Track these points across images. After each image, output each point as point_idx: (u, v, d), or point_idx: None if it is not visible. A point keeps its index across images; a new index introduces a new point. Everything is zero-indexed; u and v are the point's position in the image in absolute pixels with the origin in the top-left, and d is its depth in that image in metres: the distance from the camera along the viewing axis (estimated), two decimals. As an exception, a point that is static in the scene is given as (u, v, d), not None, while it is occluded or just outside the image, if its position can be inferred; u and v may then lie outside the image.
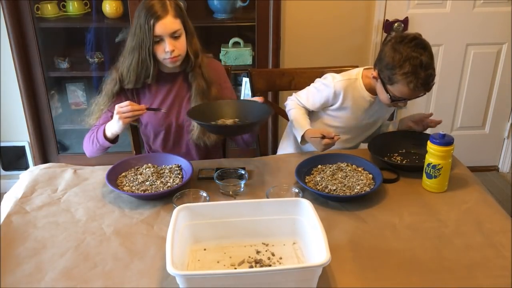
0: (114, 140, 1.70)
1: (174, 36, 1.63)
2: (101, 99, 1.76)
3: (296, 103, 1.87)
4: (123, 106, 1.58)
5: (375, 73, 1.70)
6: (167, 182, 1.52)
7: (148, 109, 1.64)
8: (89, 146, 1.74)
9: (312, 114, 1.90)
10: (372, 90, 1.78)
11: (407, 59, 1.57)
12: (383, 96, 1.71)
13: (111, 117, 1.73)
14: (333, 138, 1.65)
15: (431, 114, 1.84)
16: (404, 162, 1.69)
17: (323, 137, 1.65)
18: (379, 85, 1.70)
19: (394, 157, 1.72)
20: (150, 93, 1.78)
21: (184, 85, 1.78)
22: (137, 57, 1.65)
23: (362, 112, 1.82)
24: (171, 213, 1.21)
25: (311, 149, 1.83)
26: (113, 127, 1.64)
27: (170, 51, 1.63)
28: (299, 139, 1.77)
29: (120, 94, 1.77)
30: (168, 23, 1.61)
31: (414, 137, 1.77)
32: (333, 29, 2.79)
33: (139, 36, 1.62)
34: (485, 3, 2.76)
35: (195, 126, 1.75)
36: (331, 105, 1.83)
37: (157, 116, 1.78)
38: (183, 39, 1.67)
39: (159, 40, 1.63)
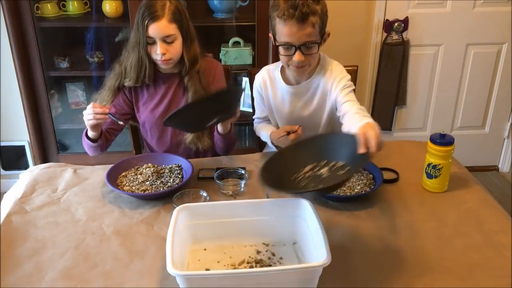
0: (96, 139, 1.70)
1: (166, 40, 1.63)
2: (104, 94, 1.77)
3: (256, 123, 1.90)
4: (87, 109, 1.57)
5: (271, 35, 1.68)
6: (167, 182, 1.52)
7: (109, 114, 1.58)
8: (84, 144, 1.75)
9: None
10: (290, 81, 1.75)
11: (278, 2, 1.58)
12: (280, 56, 1.65)
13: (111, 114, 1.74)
14: (297, 131, 1.61)
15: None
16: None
17: (288, 133, 1.62)
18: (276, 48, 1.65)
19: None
20: (148, 93, 1.78)
21: (180, 88, 1.77)
22: (137, 54, 1.67)
23: (290, 102, 1.77)
24: (171, 213, 1.21)
25: None
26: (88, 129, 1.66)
27: (160, 54, 1.63)
28: (272, 146, 1.78)
29: (121, 90, 1.78)
30: (161, 27, 1.60)
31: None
32: (333, 28, 2.75)
33: (136, 33, 1.64)
34: (485, 3, 2.76)
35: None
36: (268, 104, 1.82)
37: (153, 115, 1.79)
38: (177, 44, 1.66)
39: (152, 42, 1.63)
